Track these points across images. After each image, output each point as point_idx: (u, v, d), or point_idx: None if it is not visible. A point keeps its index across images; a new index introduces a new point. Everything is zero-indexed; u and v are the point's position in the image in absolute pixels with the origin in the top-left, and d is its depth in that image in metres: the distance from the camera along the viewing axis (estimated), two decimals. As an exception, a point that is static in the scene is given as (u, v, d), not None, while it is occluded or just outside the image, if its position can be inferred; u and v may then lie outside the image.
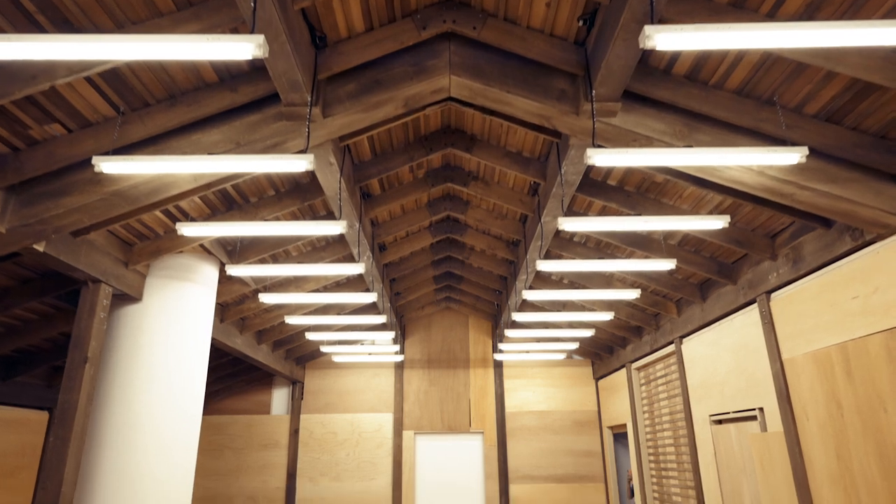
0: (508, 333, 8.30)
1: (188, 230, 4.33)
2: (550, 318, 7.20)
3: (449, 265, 9.23)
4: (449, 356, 11.91)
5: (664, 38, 2.51)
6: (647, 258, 6.46)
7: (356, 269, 5.45)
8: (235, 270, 5.33)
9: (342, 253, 6.90)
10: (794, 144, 3.77)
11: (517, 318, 7.18)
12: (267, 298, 6.14)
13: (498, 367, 11.78)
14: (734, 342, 6.31)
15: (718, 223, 4.29)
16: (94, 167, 3.76)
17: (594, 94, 3.63)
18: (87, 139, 3.68)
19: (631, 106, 3.88)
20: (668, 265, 5.23)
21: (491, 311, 11.47)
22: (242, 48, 2.50)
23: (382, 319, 7.56)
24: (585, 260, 5.27)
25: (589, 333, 8.49)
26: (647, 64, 3.76)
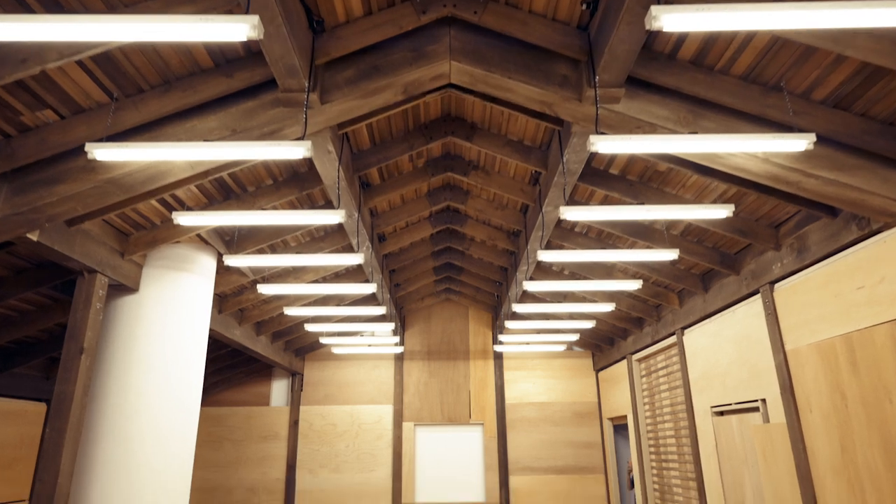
0: (509, 325, 8.26)
1: (185, 219, 4.27)
2: (551, 309, 7.15)
3: (449, 256, 9.17)
4: (449, 348, 11.87)
5: (671, 18, 2.44)
6: (649, 248, 6.39)
7: (355, 259, 5.39)
8: (233, 261, 5.27)
9: (341, 243, 6.84)
10: (800, 131, 3.70)
11: (517, 309, 7.13)
12: (265, 289, 6.08)
13: (498, 358, 11.74)
14: (736, 333, 6.26)
15: (722, 212, 4.22)
16: (87, 154, 3.69)
17: (597, 79, 3.55)
18: (79, 126, 3.61)
19: (634, 92, 3.81)
20: (670, 255, 5.16)
21: (491, 302, 11.42)
22: (237, 29, 2.43)
23: (382, 311, 7.51)
24: (587, 250, 5.21)
25: (590, 325, 8.44)
26: (651, 49, 3.68)
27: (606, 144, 3.36)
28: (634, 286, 6.21)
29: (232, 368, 11.02)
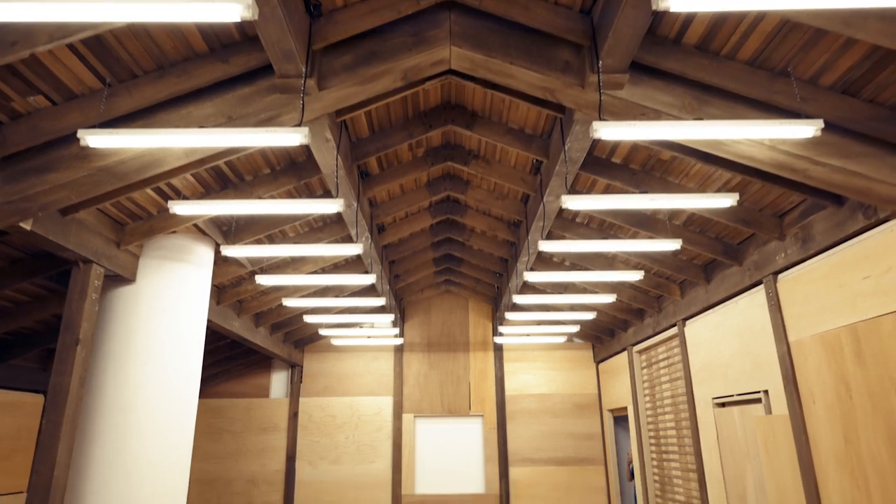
0: (509, 316, 8.21)
1: (181, 208, 4.20)
2: (551, 300, 7.10)
3: (449, 247, 9.10)
4: (449, 339, 11.83)
5: (679, -2, 2.36)
6: (651, 239, 6.33)
7: (354, 249, 5.33)
8: (231, 251, 5.21)
9: (340, 234, 6.77)
10: (808, 117, 3.63)
11: (518, 300, 7.08)
12: (264, 280, 6.02)
13: (498, 350, 11.71)
14: (739, 324, 6.21)
15: (727, 201, 4.16)
16: (79, 141, 3.61)
17: (600, 64, 3.48)
18: (72, 112, 3.53)
19: (638, 78, 3.73)
20: (673, 245, 5.10)
21: (491, 293, 11.37)
22: (230, 9, 2.35)
23: (381, 302, 7.45)
24: (588, 240, 5.14)
25: (590, 316, 8.40)
26: (655, 34, 3.60)
27: (610, 131, 3.29)
28: (636, 277, 6.15)
29: (231, 360, 10.98)
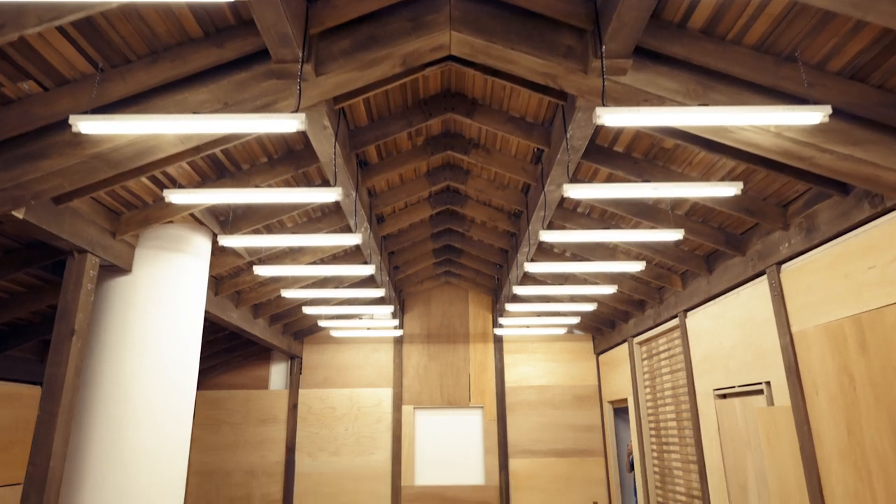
0: (509, 307, 8.16)
1: (176, 197, 4.14)
2: (552, 291, 7.04)
3: (449, 238, 9.04)
4: (449, 331, 11.79)
5: (686, -23, 2.29)
6: (653, 229, 6.27)
7: (353, 239, 5.27)
8: (228, 241, 5.14)
9: (339, 224, 6.71)
10: (815, 103, 3.56)
11: (518, 291, 7.03)
12: (262, 271, 5.96)
13: (498, 341, 11.67)
14: (741, 315, 6.16)
15: (731, 190, 4.09)
16: (72, 128, 3.54)
17: (604, 49, 3.40)
18: (64, 98, 3.46)
19: (642, 63, 3.65)
20: (675, 235, 5.04)
21: (491, 285, 11.32)
22: (223, -12, 2.28)
23: (381, 293, 7.40)
24: (590, 230, 5.08)
25: (591, 307, 8.35)
26: (659, 18, 3.53)
27: (613, 117, 3.22)
28: (637, 267, 6.09)
29: (230, 352, 10.94)
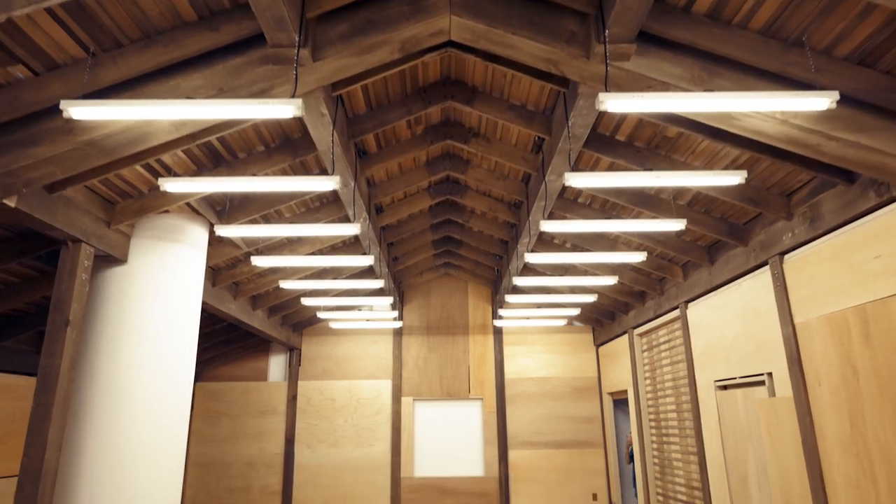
0: (509, 299, 8.11)
1: (172, 185, 4.07)
2: (552, 282, 6.99)
3: (448, 229, 8.98)
4: (448, 323, 11.75)
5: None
6: (654, 219, 6.21)
7: (351, 229, 5.21)
8: (225, 231, 5.07)
9: (337, 214, 6.65)
10: (822, 89, 3.49)
11: (518, 282, 6.97)
12: (260, 261, 5.90)
13: (497, 333, 11.63)
14: (743, 306, 6.11)
15: (734, 178, 4.03)
16: (63, 113, 3.47)
17: (607, 33, 3.33)
18: (55, 83, 3.38)
19: (646, 49, 3.58)
20: (677, 225, 4.98)
21: (491, 276, 11.27)
22: (215, -34, 2.20)
23: (380, 284, 7.35)
24: (590, 220, 5.02)
25: (591, 299, 8.30)
26: (664, 1, 3.45)
27: (616, 103, 3.15)
28: (638, 258, 6.03)
29: (228, 343, 10.90)
